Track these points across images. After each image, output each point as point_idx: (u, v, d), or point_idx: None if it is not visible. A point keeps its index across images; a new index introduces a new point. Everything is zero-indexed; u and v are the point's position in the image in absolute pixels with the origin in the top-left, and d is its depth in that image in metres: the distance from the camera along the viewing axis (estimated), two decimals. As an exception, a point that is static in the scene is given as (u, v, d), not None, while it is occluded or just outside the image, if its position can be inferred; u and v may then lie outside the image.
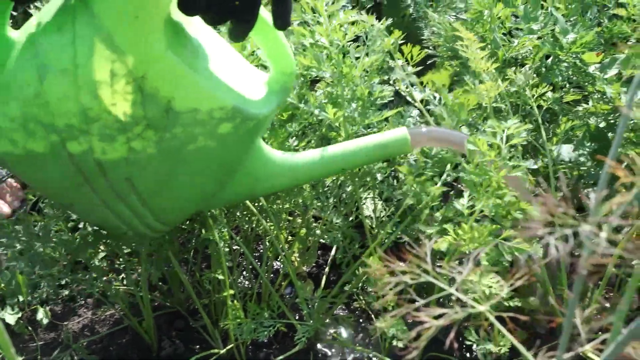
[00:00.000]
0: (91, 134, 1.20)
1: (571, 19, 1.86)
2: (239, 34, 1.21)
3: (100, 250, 1.78)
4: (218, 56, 1.30)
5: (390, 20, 1.70)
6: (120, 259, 1.78)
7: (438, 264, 1.00)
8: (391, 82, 1.70)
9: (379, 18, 1.68)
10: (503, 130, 1.33)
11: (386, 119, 1.66)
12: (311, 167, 1.46)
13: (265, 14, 1.29)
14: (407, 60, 1.67)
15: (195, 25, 1.29)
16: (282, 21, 1.22)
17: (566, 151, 1.78)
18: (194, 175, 1.33)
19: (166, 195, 1.35)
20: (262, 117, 1.30)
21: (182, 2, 1.14)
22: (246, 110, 1.27)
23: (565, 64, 1.78)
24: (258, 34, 1.31)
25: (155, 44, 1.15)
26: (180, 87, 1.20)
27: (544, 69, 1.82)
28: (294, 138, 1.71)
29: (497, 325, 0.97)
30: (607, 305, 1.71)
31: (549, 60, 1.82)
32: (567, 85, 1.79)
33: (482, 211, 1.36)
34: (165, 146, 1.25)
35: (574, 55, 1.75)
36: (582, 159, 1.76)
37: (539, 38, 1.80)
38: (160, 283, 1.93)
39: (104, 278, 1.70)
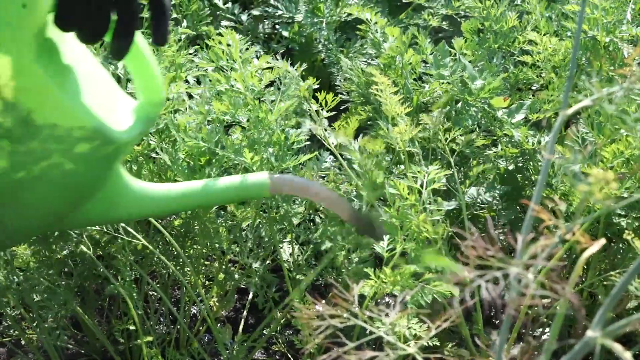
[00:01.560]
0: None
1: (478, 65, 1.92)
2: (118, 52, 1.20)
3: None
4: (88, 78, 1.29)
5: (303, 66, 1.73)
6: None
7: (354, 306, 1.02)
8: (307, 126, 1.72)
9: (291, 64, 1.71)
10: (424, 175, 1.36)
11: (302, 163, 1.68)
12: (170, 200, 1.44)
13: (140, 40, 1.28)
14: (321, 106, 1.69)
15: (69, 45, 1.27)
16: (161, 35, 1.21)
17: (474, 193, 1.83)
18: (44, 193, 1.30)
19: (13, 209, 1.32)
20: (121, 142, 1.29)
21: (59, 18, 1.14)
22: (106, 133, 1.26)
23: (475, 109, 1.83)
24: (130, 60, 1.30)
25: (24, 55, 1.14)
26: (43, 101, 1.19)
27: (453, 113, 1.87)
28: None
29: (427, 366, 0.99)
30: (537, 342, 1.76)
31: (459, 104, 1.87)
32: (477, 129, 1.84)
33: (402, 254, 1.39)
34: (18, 159, 1.23)
35: (482, 101, 1.81)
36: (491, 199, 1.81)
37: (448, 84, 1.85)
38: (75, 330, 1.89)
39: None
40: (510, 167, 1.86)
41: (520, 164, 1.85)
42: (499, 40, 2.02)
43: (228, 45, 1.62)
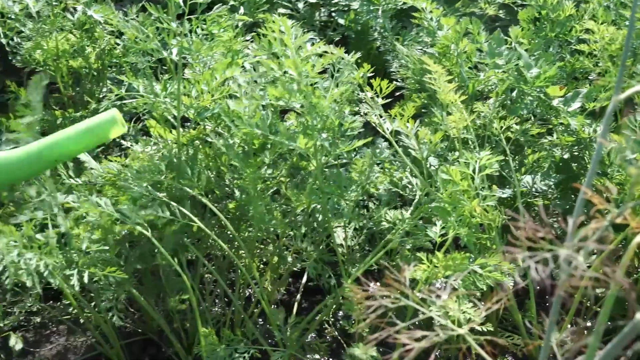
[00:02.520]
0: None
1: (535, 54, 1.91)
2: None
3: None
4: None
5: (358, 54, 1.74)
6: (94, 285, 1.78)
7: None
8: (362, 113, 1.73)
9: (346, 52, 1.71)
10: (476, 161, 1.37)
11: (356, 149, 1.69)
12: (25, 162, 1.43)
13: None
14: (376, 93, 1.70)
15: None
16: None
17: (529, 182, 1.83)
18: None
19: None
20: None
21: None
22: None
23: (530, 98, 1.83)
24: None
25: None
26: None
27: (509, 102, 1.87)
28: (266, 167, 1.74)
29: (477, 348, 1.00)
30: (586, 325, 1.76)
31: (514, 93, 1.87)
32: (532, 118, 1.84)
33: (455, 238, 1.40)
34: None
35: (538, 89, 1.81)
36: (546, 188, 1.81)
37: (504, 72, 1.85)
38: (132, 310, 1.93)
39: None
40: (566, 156, 1.86)
41: (576, 153, 1.85)
42: (556, 29, 2.02)
43: (281, 32, 1.64)
